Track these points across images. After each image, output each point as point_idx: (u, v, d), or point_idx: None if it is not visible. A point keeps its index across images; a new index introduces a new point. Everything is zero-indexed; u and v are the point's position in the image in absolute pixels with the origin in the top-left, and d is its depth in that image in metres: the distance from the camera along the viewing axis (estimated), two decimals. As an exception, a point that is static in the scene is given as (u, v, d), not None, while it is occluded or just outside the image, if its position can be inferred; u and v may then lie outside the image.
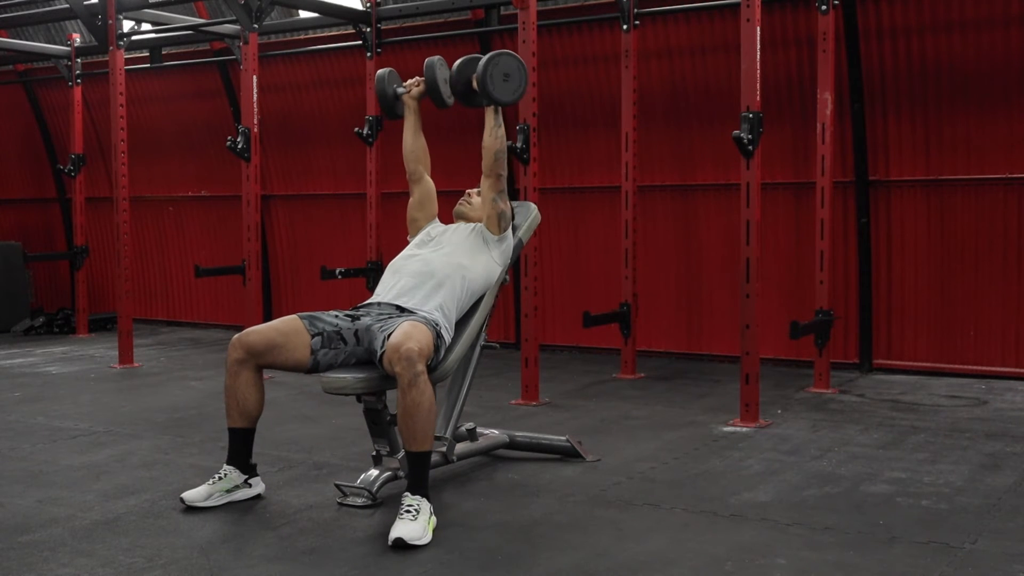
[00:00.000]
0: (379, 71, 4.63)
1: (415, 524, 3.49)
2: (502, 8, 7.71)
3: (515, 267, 5.25)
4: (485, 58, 4.12)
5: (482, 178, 4.31)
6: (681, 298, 7.78)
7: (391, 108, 4.57)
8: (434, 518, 3.63)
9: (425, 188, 4.55)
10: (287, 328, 3.94)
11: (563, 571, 3.24)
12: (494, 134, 4.19)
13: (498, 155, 4.20)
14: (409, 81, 4.55)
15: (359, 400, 3.96)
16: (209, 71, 9.78)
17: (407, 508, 3.55)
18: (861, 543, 3.48)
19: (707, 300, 7.67)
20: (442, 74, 4.43)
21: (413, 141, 4.54)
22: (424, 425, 3.64)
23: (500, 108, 4.22)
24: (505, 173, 4.28)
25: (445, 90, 4.45)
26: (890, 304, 7.05)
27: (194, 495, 3.91)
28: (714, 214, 7.58)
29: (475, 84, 4.20)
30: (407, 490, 3.65)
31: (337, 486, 4.06)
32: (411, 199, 4.56)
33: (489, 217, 4.30)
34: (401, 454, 4.02)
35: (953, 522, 3.70)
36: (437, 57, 4.47)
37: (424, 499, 3.62)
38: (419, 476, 3.67)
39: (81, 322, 9.62)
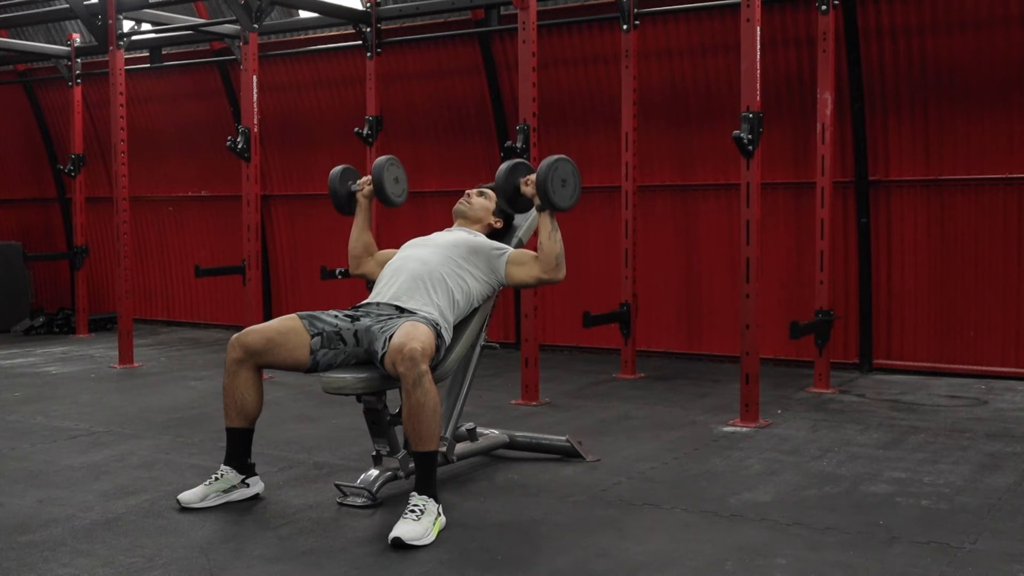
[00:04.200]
0: (333, 169, 4.57)
1: (416, 525, 3.49)
2: (502, 8, 7.70)
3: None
4: (545, 165, 4.04)
5: (538, 263, 4.16)
6: (681, 298, 7.78)
7: (344, 206, 4.57)
8: (443, 518, 3.63)
9: (377, 259, 4.49)
10: (286, 328, 3.94)
11: (563, 571, 3.24)
12: (552, 238, 4.10)
13: (558, 259, 4.11)
14: (361, 180, 4.54)
15: (359, 400, 3.95)
16: (209, 71, 9.78)
17: (411, 508, 3.56)
18: (861, 543, 3.48)
19: (707, 300, 7.67)
20: (390, 174, 4.44)
21: (358, 237, 4.52)
22: (429, 425, 3.63)
23: (554, 212, 4.16)
24: (560, 277, 4.16)
25: (393, 190, 4.45)
26: (890, 304, 7.05)
27: (190, 496, 3.91)
28: (714, 214, 7.58)
29: (524, 188, 4.13)
30: (414, 490, 3.65)
31: (337, 486, 4.06)
32: (372, 274, 4.49)
33: (518, 276, 4.21)
34: (401, 454, 4.03)
35: (953, 522, 3.70)
36: (387, 157, 4.46)
37: (431, 499, 3.62)
38: (426, 476, 3.66)
39: (81, 322, 9.62)
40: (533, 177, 4.10)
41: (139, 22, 8.59)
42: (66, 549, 3.45)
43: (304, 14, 8.72)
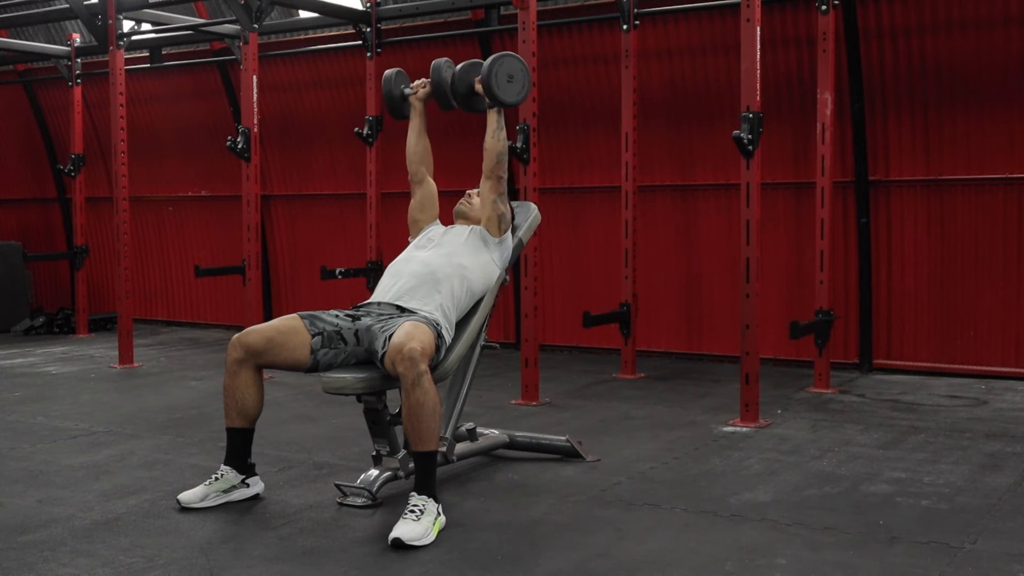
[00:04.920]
0: (387, 71, 4.61)
1: (416, 525, 3.49)
2: (502, 8, 7.71)
3: (515, 267, 5.25)
4: (489, 60, 4.12)
5: (482, 180, 4.31)
6: (681, 298, 7.78)
7: (397, 109, 4.59)
8: (442, 518, 3.63)
9: (427, 190, 4.55)
10: (287, 327, 3.94)
11: (563, 571, 3.24)
12: (496, 136, 4.19)
13: (500, 157, 4.20)
14: (416, 82, 4.56)
15: (359, 400, 3.96)
16: (209, 71, 9.78)
17: (411, 508, 3.56)
18: (861, 543, 3.48)
19: (707, 300, 7.67)
20: (449, 76, 4.44)
21: (416, 142, 4.55)
22: (429, 425, 3.63)
23: (502, 110, 4.22)
24: (506, 176, 4.28)
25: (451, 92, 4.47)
26: (890, 304, 7.05)
27: (190, 496, 3.91)
28: (714, 214, 7.58)
29: (477, 87, 4.20)
30: (413, 490, 3.65)
31: (337, 486, 4.06)
32: (412, 200, 4.56)
33: (489, 219, 4.30)
34: (401, 454, 4.03)
35: (953, 522, 3.70)
36: (444, 59, 4.47)
37: (431, 499, 3.62)
38: (425, 476, 3.66)
39: (81, 322, 9.62)
40: None
41: (139, 22, 8.59)
42: (66, 549, 3.45)
43: (304, 14, 8.72)
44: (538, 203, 5.08)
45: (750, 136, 5.31)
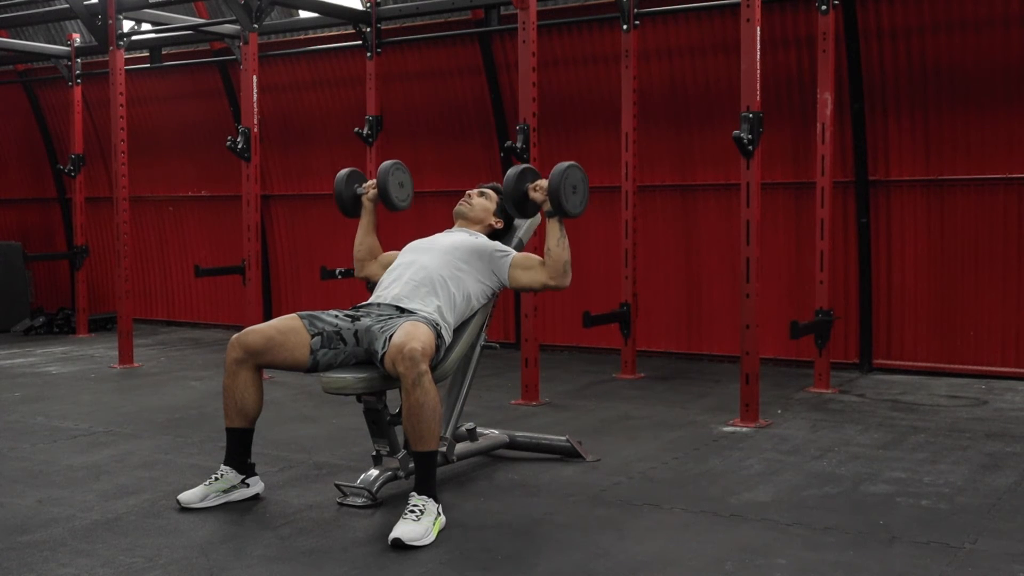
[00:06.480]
0: (340, 172, 4.64)
1: (416, 525, 3.49)
2: (502, 8, 7.71)
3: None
4: (557, 172, 4.05)
5: (544, 268, 4.17)
6: (681, 298, 7.78)
7: (348, 209, 4.62)
8: (442, 518, 3.63)
9: (381, 263, 4.53)
10: (286, 327, 3.94)
11: (563, 571, 3.24)
12: (561, 244, 4.12)
13: (566, 266, 4.12)
14: (367, 183, 4.57)
15: (359, 400, 3.96)
16: (209, 71, 9.78)
17: (411, 508, 3.56)
18: (861, 543, 3.48)
19: (707, 300, 7.67)
20: (395, 179, 4.46)
21: (363, 239, 4.56)
22: (429, 425, 3.63)
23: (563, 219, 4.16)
24: (569, 279, 4.18)
25: (398, 195, 4.48)
26: (890, 304, 7.05)
27: (190, 496, 3.91)
28: (714, 214, 7.58)
29: (532, 194, 4.14)
30: (413, 490, 3.65)
31: (337, 486, 4.06)
32: (372, 272, 4.55)
33: (523, 280, 4.22)
34: (401, 454, 4.03)
35: (953, 522, 3.70)
36: (392, 162, 4.48)
37: (431, 499, 3.62)
38: (425, 476, 3.66)
39: (81, 322, 9.62)
40: (542, 183, 4.13)
41: (139, 22, 8.59)
42: (66, 549, 3.45)
43: (304, 14, 8.71)
44: (538, 203, 5.06)
45: (750, 136, 5.31)
